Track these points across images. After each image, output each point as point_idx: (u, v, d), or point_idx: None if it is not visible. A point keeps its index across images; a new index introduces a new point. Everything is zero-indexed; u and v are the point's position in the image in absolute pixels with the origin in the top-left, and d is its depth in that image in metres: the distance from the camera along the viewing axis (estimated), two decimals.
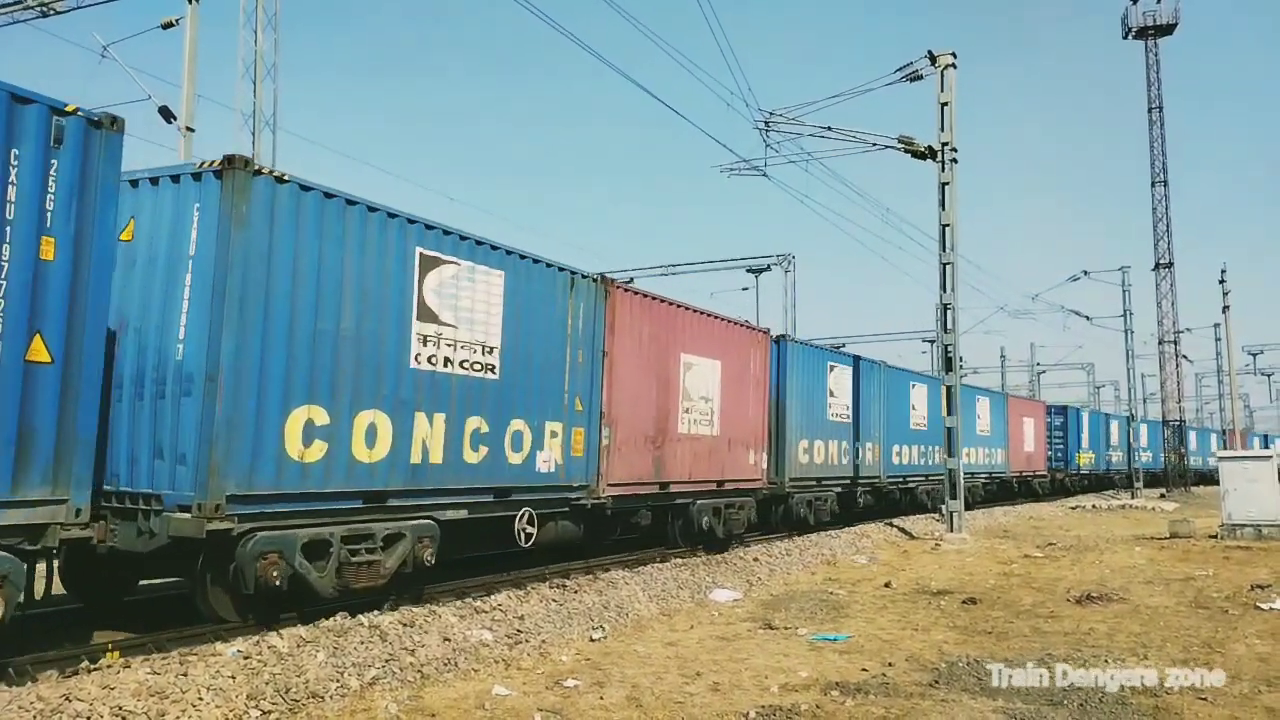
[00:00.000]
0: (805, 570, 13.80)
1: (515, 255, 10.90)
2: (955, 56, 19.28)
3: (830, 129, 20.57)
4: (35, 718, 5.32)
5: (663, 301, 13.97)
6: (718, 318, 15.57)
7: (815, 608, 10.43)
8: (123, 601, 9.27)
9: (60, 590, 8.50)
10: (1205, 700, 6.64)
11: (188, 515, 7.37)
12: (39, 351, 6.35)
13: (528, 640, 8.24)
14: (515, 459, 10.76)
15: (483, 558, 12.00)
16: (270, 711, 5.94)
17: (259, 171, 7.95)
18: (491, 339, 10.43)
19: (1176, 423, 46.39)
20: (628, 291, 13.10)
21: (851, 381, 20.63)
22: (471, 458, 10.09)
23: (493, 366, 10.44)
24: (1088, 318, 41.94)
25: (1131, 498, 36.82)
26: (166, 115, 17.11)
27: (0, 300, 6.14)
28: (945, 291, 19.52)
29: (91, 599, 9.06)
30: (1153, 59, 45.43)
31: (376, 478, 8.91)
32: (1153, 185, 44.42)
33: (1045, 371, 69.95)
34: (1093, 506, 30.89)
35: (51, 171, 6.48)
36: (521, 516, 10.96)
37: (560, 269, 11.71)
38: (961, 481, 19.53)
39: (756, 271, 37.79)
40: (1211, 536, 18.16)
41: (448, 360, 9.81)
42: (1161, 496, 38.98)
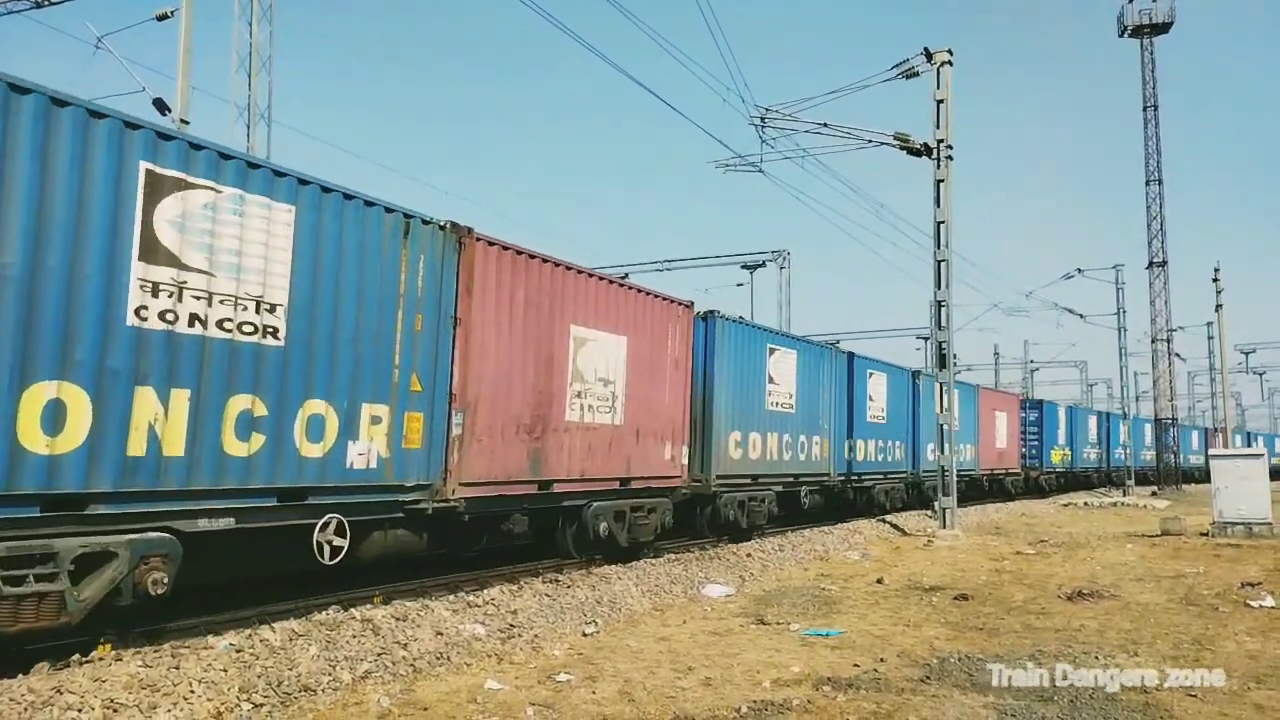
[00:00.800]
0: (798, 566, 13.83)
1: (316, 186, 8.42)
2: (951, 54, 19.30)
3: (826, 125, 20.58)
4: (26, 710, 5.31)
5: (544, 261, 11.38)
6: (623, 285, 13.25)
7: (808, 603, 10.45)
8: None
9: None
10: (1195, 697, 6.67)
11: None
12: None
13: (520, 634, 8.25)
14: (313, 451, 8.26)
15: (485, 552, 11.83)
16: (262, 704, 5.94)
17: None
18: (273, 293, 7.97)
19: (1169, 421, 46.53)
20: (494, 246, 10.53)
21: (796, 367, 18.20)
22: (238, 449, 7.64)
23: (274, 329, 7.97)
24: (1081, 315, 42.03)
25: (1123, 495, 36.94)
26: (161, 107, 17.02)
27: None
28: (940, 288, 19.55)
29: None
30: (1148, 57, 45.51)
31: (64, 475, 6.47)
32: (1147, 184, 44.49)
33: (1039, 369, 70.16)
34: (1084, 504, 30.99)
35: None
36: (326, 526, 8.45)
37: (389, 209, 9.16)
38: (955, 478, 19.58)
39: (751, 268, 37.82)
40: (1202, 534, 18.23)
41: (196, 318, 7.33)
42: (1153, 494, 39.11)
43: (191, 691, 5.85)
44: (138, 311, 6.98)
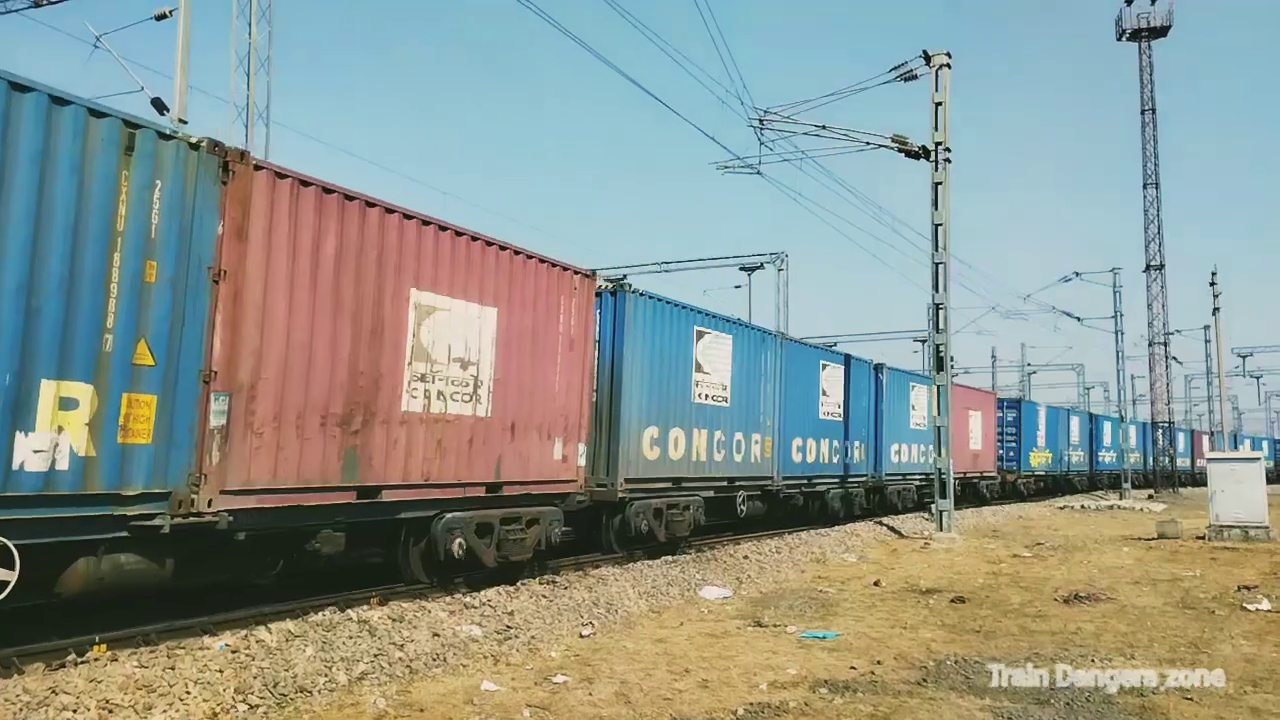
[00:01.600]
0: (795, 568, 13.83)
1: None
2: (950, 57, 19.32)
3: (824, 128, 20.60)
4: (22, 710, 5.30)
5: (371, 205, 8.87)
6: (494, 244, 10.58)
7: (804, 605, 10.45)
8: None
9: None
10: (1191, 700, 6.67)
11: None
12: None
13: (517, 636, 8.24)
14: None
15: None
16: (258, 705, 5.93)
17: None
18: None
19: (1167, 424, 46.59)
20: (287, 179, 8.14)
21: (732, 354, 16.09)
22: None
23: None
24: (1079, 319, 42.13)
25: (1120, 498, 36.98)
26: (159, 107, 17.00)
27: None
28: (937, 291, 19.57)
29: None
30: (1146, 61, 45.61)
31: None
32: (1144, 187, 44.59)
33: (1036, 372, 70.16)
34: (1081, 507, 31.01)
35: None
36: None
37: (100, 112, 6.75)
38: (952, 481, 19.59)
39: (749, 270, 37.79)
40: (1199, 537, 18.25)
41: None
42: (1149, 497, 39.16)
43: (187, 692, 5.84)
44: None
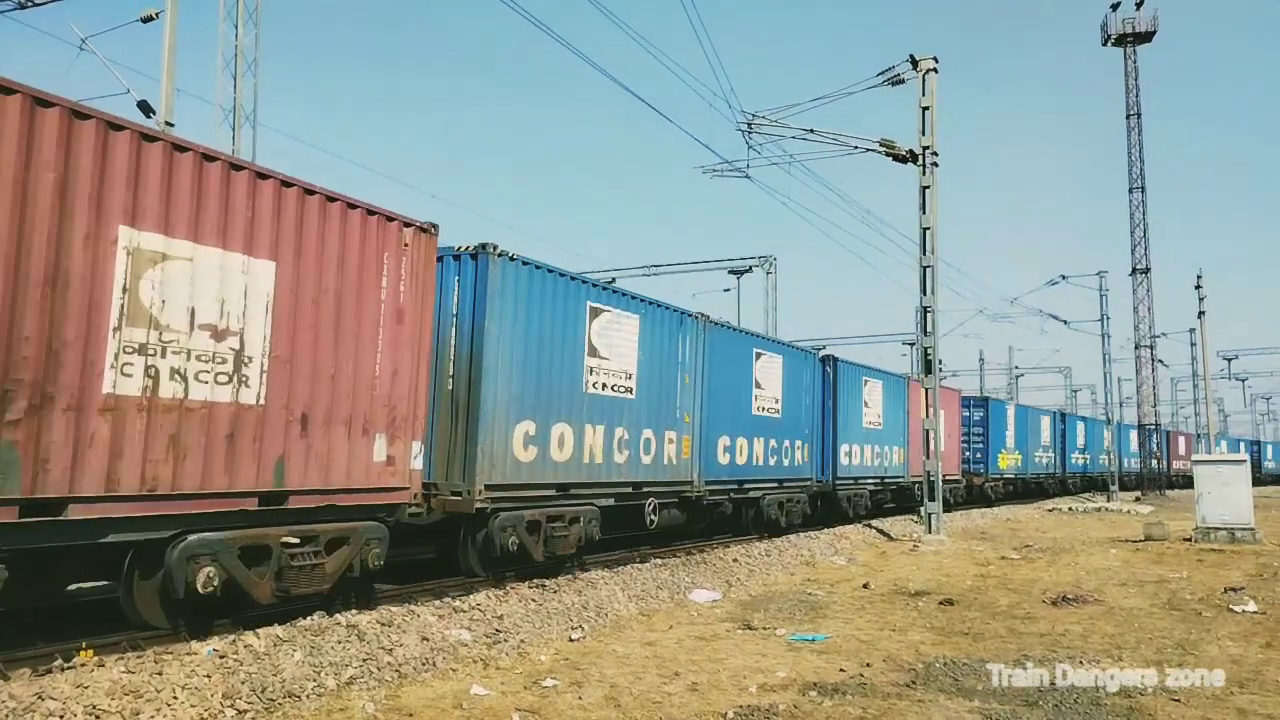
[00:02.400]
0: (784, 571, 13.85)
1: None
2: (936, 61, 19.40)
3: (812, 131, 20.66)
4: (8, 716, 5.26)
5: (47, 105, 6.46)
6: (270, 177, 8.10)
7: (794, 608, 10.46)
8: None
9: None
10: (1179, 701, 6.71)
11: None
12: None
13: (506, 640, 8.23)
14: None
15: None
16: (246, 711, 5.91)
17: None
18: None
19: (1152, 426, 46.84)
20: None
21: (639, 337, 13.70)
22: None
23: None
24: (1065, 322, 42.33)
25: (1107, 500, 37.17)
26: (145, 110, 16.93)
27: None
28: (925, 294, 19.64)
29: None
30: (1131, 66, 45.90)
31: None
32: (1130, 191, 44.86)
33: (1023, 375, 70.47)
34: (1069, 509, 31.15)
35: None
36: None
37: None
38: (940, 484, 19.65)
39: (738, 273, 37.85)
40: (1185, 539, 18.35)
41: None
42: (1136, 499, 39.36)
43: (175, 698, 5.81)
44: None
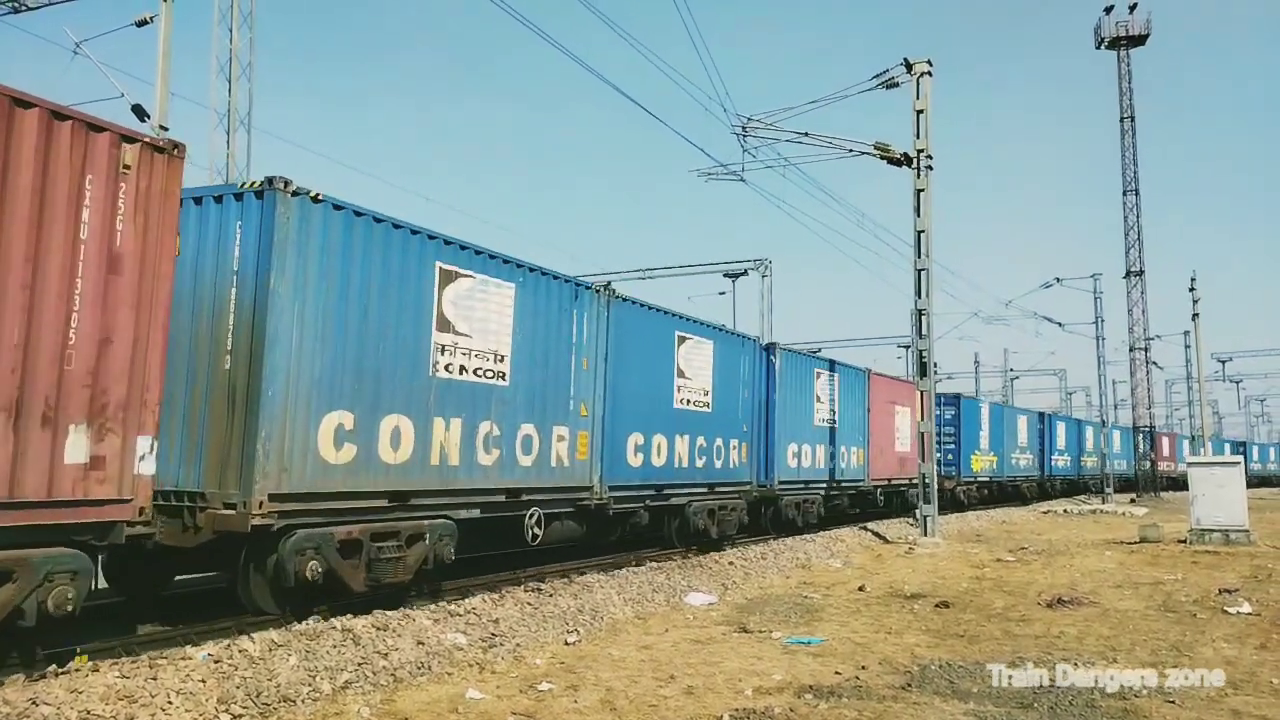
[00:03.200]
0: (780, 574, 13.85)
1: None
2: (931, 65, 19.46)
3: (807, 135, 20.71)
4: None
5: None
6: None
7: (789, 611, 10.47)
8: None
9: None
10: (1173, 703, 6.72)
11: None
12: None
13: (502, 644, 8.22)
14: None
15: None
16: (241, 715, 5.89)
17: None
18: None
19: (1148, 429, 46.95)
20: None
21: (515, 313, 11.18)
22: None
23: None
24: (1060, 324, 42.46)
25: (1102, 503, 37.25)
26: (140, 114, 16.93)
27: None
28: (920, 297, 19.67)
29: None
30: (1125, 69, 46.06)
31: None
32: (1124, 194, 45.00)
33: (1018, 377, 70.60)
34: (1064, 511, 31.21)
35: None
36: None
37: None
38: (935, 486, 19.68)
39: (733, 276, 37.88)
40: (1180, 541, 18.39)
41: None
42: (1132, 501, 39.45)
43: (169, 703, 5.79)
44: None
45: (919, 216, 19.54)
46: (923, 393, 19.97)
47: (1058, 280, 39.95)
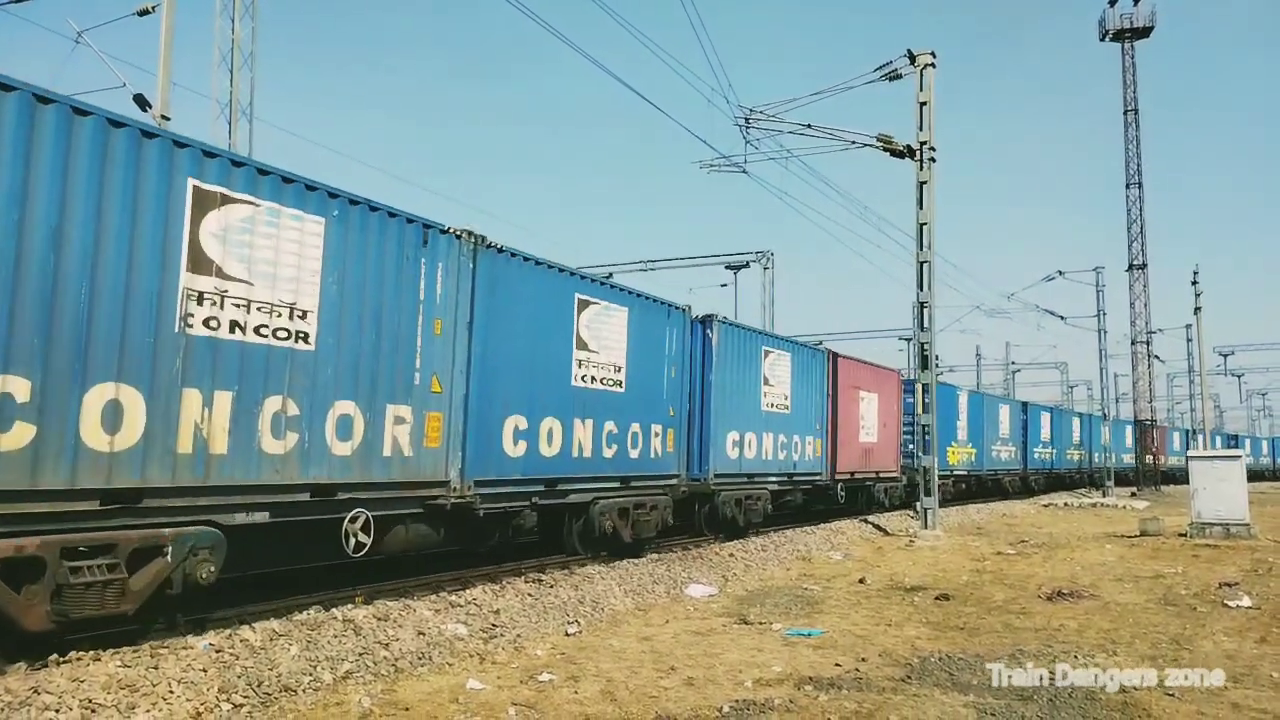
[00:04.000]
0: (781, 566, 13.87)
1: None
2: (934, 56, 19.39)
3: (810, 126, 20.64)
4: (3, 710, 5.26)
5: None
6: None
7: (790, 603, 10.48)
8: None
9: None
10: (1173, 696, 6.73)
11: None
12: None
13: (503, 634, 8.24)
14: None
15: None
16: (242, 705, 5.91)
17: None
18: None
19: (1150, 422, 46.93)
20: None
21: (325, 261, 8.59)
22: None
23: None
24: (1062, 317, 42.34)
25: (1103, 496, 37.27)
26: (142, 103, 16.88)
27: None
28: (922, 290, 19.64)
29: None
30: (1129, 61, 45.92)
31: None
32: (1127, 187, 44.93)
33: (1020, 370, 70.64)
34: (1065, 504, 31.24)
35: None
36: None
37: None
38: (936, 479, 19.68)
39: (735, 268, 37.84)
40: (1181, 535, 18.40)
41: None
42: (1132, 495, 39.47)
43: (170, 692, 5.81)
44: None
45: (921, 209, 19.50)
46: (923, 385, 19.97)
47: (1060, 273, 39.87)
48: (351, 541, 8.93)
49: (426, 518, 10.10)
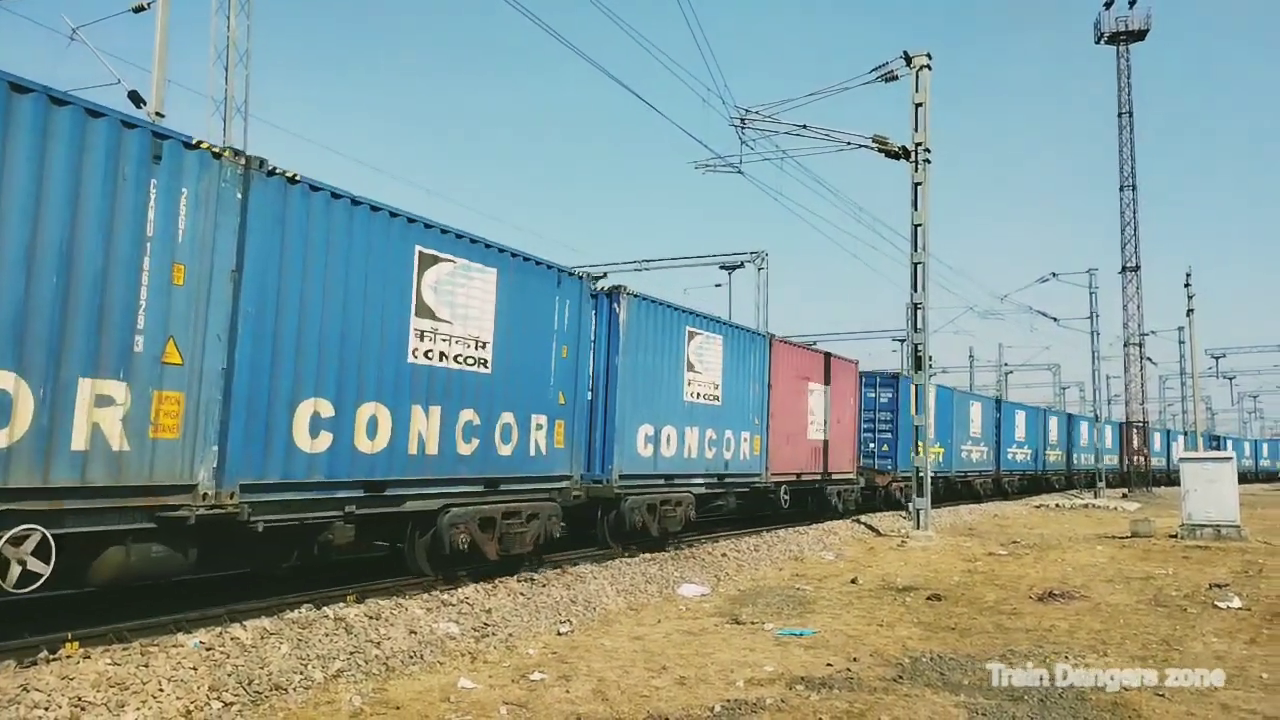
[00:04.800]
0: (773, 566, 13.88)
1: None
2: (930, 58, 19.42)
3: (805, 127, 20.66)
4: None
5: None
6: None
7: (782, 603, 10.49)
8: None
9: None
10: (1163, 697, 6.75)
11: None
12: None
13: (494, 633, 8.23)
14: None
15: None
16: (232, 703, 5.90)
17: None
18: None
19: (1140, 424, 47.06)
20: None
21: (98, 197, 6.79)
22: None
23: None
24: (1055, 319, 42.43)
25: (1094, 497, 37.38)
26: (136, 100, 16.82)
27: None
28: (916, 291, 19.67)
29: None
30: (1124, 64, 46.07)
31: None
32: (1121, 189, 45.08)
33: (1013, 371, 70.72)
34: (1056, 506, 31.31)
35: None
36: None
37: None
38: (929, 478, 19.70)
39: (730, 268, 37.82)
40: (1171, 536, 18.46)
41: None
42: (1124, 496, 39.59)
43: (161, 690, 5.80)
44: None
45: (916, 210, 19.53)
46: (916, 386, 19.97)
47: (1053, 275, 39.93)
48: (12, 572, 6.32)
49: (162, 535, 7.43)
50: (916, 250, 19.55)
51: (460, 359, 10.35)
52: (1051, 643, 8.54)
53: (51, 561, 6.53)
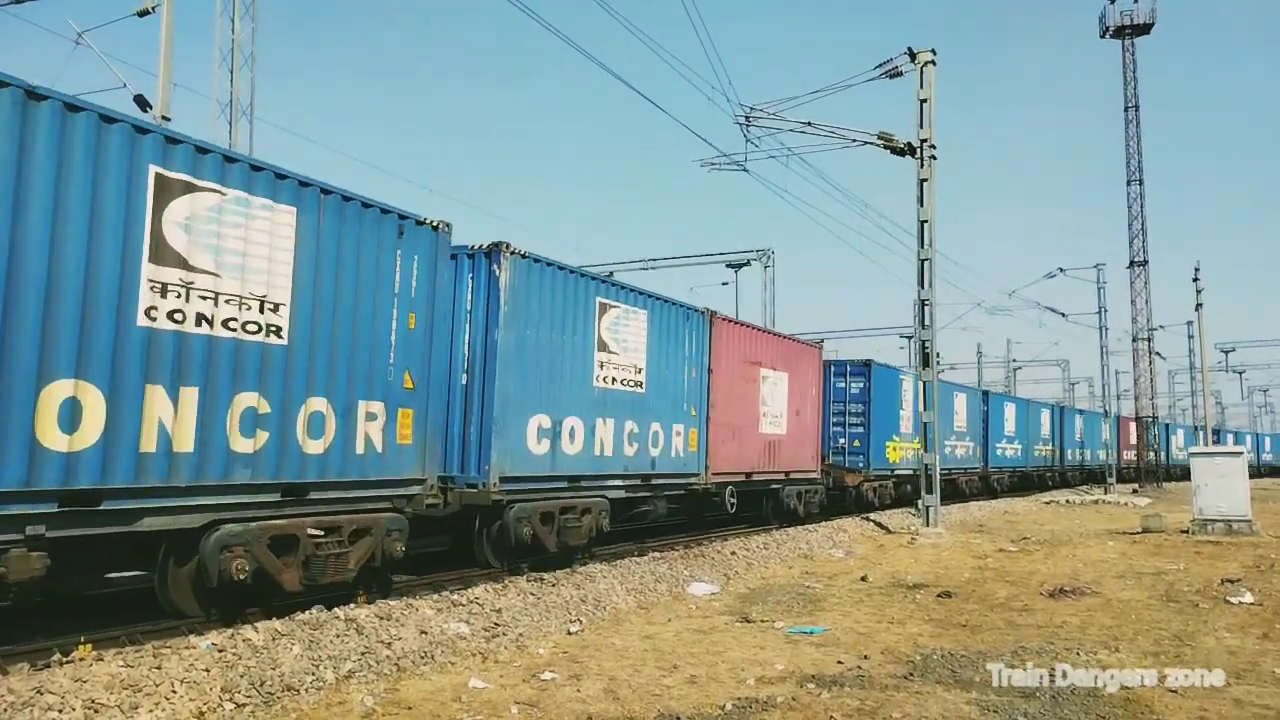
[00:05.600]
0: (783, 564, 13.87)
1: None
2: (935, 54, 19.38)
3: (810, 124, 20.62)
4: (6, 710, 5.27)
5: None
6: None
7: (792, 601, 10.48)
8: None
9: None
10: (1175, 693, 6.73)
11: None
12: None
13: (505, 633, 8.24)
14: None
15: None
16: (245, 704, 5.91)
17: None
18: None
19: (1150, 419, 46.88)
20: None
21: None
22: None
23: None
24: (1063, 314, 42.24)
25: (1105, 493, 37.26)
26: (142, 104, 16.87)
27: None
28: (923, 287, 19.63)
29: None
30: (1129, 58, 45.87)
31: None
32: (1128, 184, 44.85)
33: (1021, 367, 70.55)
34: (1066, 501, 31.23)
35: None
36: None
37: None
38: (938, 476, 19.66)
39: (736, 266, 37.82)
40: (1183, 531, 18.39)
41: None
42: (1134, 491, 39.46)
43: (173, 691, 5.81)
44: None
45: (922, 206, 19.49)
46: (925, 384, 19.93)
47: (1061, 270, 39.86)
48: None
49: None
50: (923, 246, 19.51)
51: (233, 324, 7.73)
52: (1063, 639, 8.51)
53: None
